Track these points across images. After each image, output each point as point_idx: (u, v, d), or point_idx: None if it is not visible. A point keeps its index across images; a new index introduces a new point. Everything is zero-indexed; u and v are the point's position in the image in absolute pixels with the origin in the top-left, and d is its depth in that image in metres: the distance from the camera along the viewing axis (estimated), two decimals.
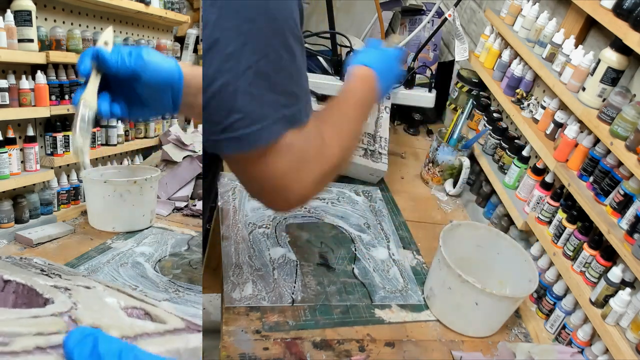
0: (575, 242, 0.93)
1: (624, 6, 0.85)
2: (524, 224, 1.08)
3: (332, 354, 0.83)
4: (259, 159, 0.56)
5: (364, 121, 0.73)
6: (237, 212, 1.07)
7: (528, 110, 1.17)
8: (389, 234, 1.14)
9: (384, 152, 1.28)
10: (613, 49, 0.89)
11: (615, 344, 0.81)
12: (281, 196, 0.60)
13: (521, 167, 1.15)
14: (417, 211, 1.26)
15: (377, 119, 1.30)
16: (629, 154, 0.82)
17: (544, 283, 1.00)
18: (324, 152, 0.61)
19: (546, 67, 1.07)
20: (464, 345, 0.92)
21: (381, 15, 1.47)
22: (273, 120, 0.54)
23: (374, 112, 1.30)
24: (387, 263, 1.05)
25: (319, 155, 0.60)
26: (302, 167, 0.58)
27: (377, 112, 1.31)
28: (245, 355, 0.78)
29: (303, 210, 1.13)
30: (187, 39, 2.41)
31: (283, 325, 0.85)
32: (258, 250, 0.99)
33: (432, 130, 1.63)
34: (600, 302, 0.86)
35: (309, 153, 0.59)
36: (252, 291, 0.89)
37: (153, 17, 2.08)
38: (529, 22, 1.17)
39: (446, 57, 1.73)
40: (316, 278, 0.96)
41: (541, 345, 0.94)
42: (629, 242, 0.81)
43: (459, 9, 1.47)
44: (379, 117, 1.30)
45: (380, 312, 0.93)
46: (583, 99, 0.95)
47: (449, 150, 1.29)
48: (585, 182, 0.94)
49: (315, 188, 0.61)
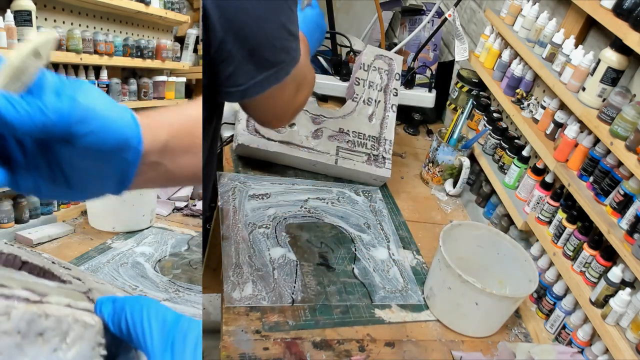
0: (575, 242, 0.93)
1: (624, 6, 0.85)
2: (524, 224, 1.08)
3: (332, 354, 0.83)
4: (277, 92, 0.65)
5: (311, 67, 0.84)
6: (237, 212, 1.07)
7: (528, 110, 1.17)
8: (389, 234, 1.14)
9: (388, 157, 1.26)
10: (613, 49, 0.89)
11: (615, 344, 0.81)
12: (285, 115, 0.74)
13: (521, 167, 1.15)
14: (417, 211, 1.26)
15: (382, 119, 1.28)
16: (629, 154, 0.82)
17: (544, 283, 1.00)
18: (306, 75, 0.75)
19: (546, 67, 1.07)
20: (464, 345, 0.92)
21: (381, 15, 1.47)
22: (287, 62, 0.64)
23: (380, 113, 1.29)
24: (387, 263, 1.05)
25: (305, 79, 0.74)
26: (298, 90, 0.71)
27: (383, 111, 1.30)
28: (245, 355, 0.78)
29: (303, 210, 1.13)
30: (187, 39, 2.41)
31: (283, 325, 0.85)
32: (258, 250, 0.99)
33: (432, 130, 1.63)
34: (600, 302, 0.86)
35: (300, 76, 0.70)
36: (252, 291, 0.89)
37: (153, 17, 2.08)
38: (529, 22, 1.17)
39: (446, 57, 1.73)
40: (316, 278, 0.96)
41: (541, 345, 0.94)
42: (629, 242, 0.81)
43: (459, 9, 1.47)
44: (384, 116, 1.28)
45: (380, 312, 0.93)
46: (583, 99, 0.95)
47: (449, 150, 1.29)
48: (585, 182, 0.94)
49: (304, 102, 0.76)
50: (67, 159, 0.43)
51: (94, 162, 0.43)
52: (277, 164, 1.24)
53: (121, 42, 1.91)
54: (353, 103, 1.27)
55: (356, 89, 1.27)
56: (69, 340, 0.40)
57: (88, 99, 0.41)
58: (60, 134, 0.40)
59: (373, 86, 1.28)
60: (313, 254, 1.02)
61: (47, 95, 0.40)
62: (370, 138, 1.26)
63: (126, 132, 0.43)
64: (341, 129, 1.24)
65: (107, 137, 0.42)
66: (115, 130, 0.42)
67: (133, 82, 2.04)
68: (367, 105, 1.28)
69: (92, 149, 0.42)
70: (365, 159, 1.24)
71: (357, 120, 1.26)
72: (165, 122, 0.48)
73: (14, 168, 0.43)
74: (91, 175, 0.44)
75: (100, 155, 0.43)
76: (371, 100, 1.28)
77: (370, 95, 1.28)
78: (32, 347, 0.38)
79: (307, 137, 1.21)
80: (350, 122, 1.25)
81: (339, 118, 1.25)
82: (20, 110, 0.38)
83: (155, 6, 2.03)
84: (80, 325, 0.41)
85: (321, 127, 1.23)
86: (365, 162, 1.24)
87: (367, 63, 1.29)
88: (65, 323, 0.40)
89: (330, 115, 1.25)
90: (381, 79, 1.29)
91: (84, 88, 0.42)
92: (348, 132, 1.25)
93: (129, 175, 0.45)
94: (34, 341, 0.38)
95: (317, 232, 1.08)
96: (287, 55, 0.63)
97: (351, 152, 1.24)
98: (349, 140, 1.24)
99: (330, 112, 1.25)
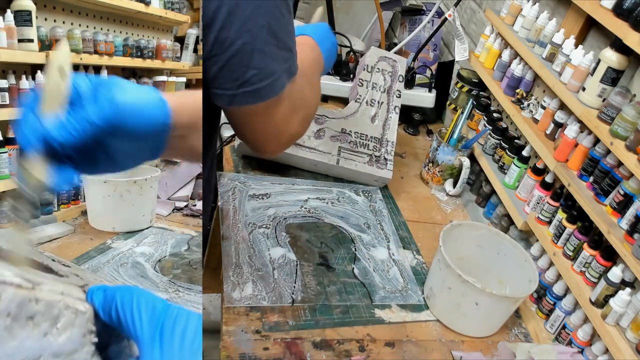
0: (575, 242, 0.93)
1: (624, 6, 0.85)
2: (524, 224, 1.08)
3: (332, 354, 0.83)
4: (266, 109, 0.61)
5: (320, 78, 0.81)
6: (237, 212, 1.07)
7: (528, 110, 1.17)
8: (389, 234, 1.14)
9: (390, 158, 1.26)
10: (613, 49, 0.89)
11: (615, 344, 0.81)
12: (276, 140, 0.67)
13: (521, 167, 1.15)
14: (417, 211, 1.26)
15: (385, 120, 1.28)
16: (629, 154, 0.82)
17: (544, 283, 1.00)
18: (306, 97, 0.69)
19: (546, 67, 1.07)
20: (464, 345, 0.92)
21: (381, 15, 1.47)
22: (280, 74, 0.60)
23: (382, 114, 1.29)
24: (387, 263, 1.05)
25: (303, 100, 0.68)
26: (294, 111, 0.66)
27: (386, 112, 1.30)
28: (245, 355, 0.78)
29: (303, 210, 1.13)
30: (187, 39, 2.41)
31: (283, 325, 0.85)
32: (258, 250, 0.99)
33: (432, 130, 1.63)
34: (600, 302, 0.86)
35: (298, 97, 0.66)
36: (252, 291, 0.89)
37: (153, 17, 2.08)
38: (529, 22, 1.17)
39: (446, 57, 1.73)
40: (316, 278, 0.96)
41: (541, 345, 0.94)
42: (629, 242, 0.81)
43: (459, 9, 1.47)
44: (387, 118, 1.28)
45: (380, 312, 0.94)
46: (583, 99, 0.95)
47: (449, 150, 1.29)
48: (585, 182, 0.94)
49: (301, 129, 0.70)
50: (109, 147, 0.48)
51: (133, 144, 0.49)
52: (278, 163, 1.24)
53: (121, 42, 1.91)
54: (356, 104, 1.27)
55: (359, 90, 1.27)
56: (60, 325, 0.40)
57: (124, 96, 0.46)
58: (108, 133, 0.45)
59: (376, 87, 1.29)
60: (313, 254, 1.02)
61: (88, 104, 0.45)
62: (372, 139, 1.26)
63: (158, 114, 0.48)
64: (343, 129, 1.24)
65: (145, 125, 0.47)
66: (150, 117, 0.48)
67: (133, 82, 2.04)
68: (370, 106, 1.28)
69: (132, 136, 0.47)
70: (367, 159, 1.24)
71: (359, 121, 1.26)
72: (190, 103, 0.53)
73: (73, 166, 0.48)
74: (130, 153, 0.50)
75: (139, 139, 0.48)
76: (374, 102, 1.28)
77: (373, 96, 1.28)
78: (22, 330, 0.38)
79: (309, 137, 1.21)
80: (352, 123, 1.25)
81: (342, 118, 1.25)
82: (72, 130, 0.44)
83: (155, 6, 2.03)
84: (71, 312, 0.41)
85: (324, 127, 1.23)
86: (367, 163, 1.24)
87: (371, 64, 1.29)
88: (56, 308, 0.40)
89: (333, 116, 1.25)
90: (384, 81, 1.29)
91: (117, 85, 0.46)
92: (350, 132, 1.25)
93: (160, 146, 0.51)
94: (24, 325, 0.38)
95: (317, 232, 1.08)
96: (278, 66, 0.59)
97: (353, 153, 1.24)
98: (351, 141, 1.24)
99: (333, 112, 1.25)
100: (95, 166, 0.50)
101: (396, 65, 1.31)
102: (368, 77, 1.28)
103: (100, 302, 0.43)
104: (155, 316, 0.41)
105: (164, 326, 0.40)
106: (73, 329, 0.41)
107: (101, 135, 0.45)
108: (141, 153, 0.51)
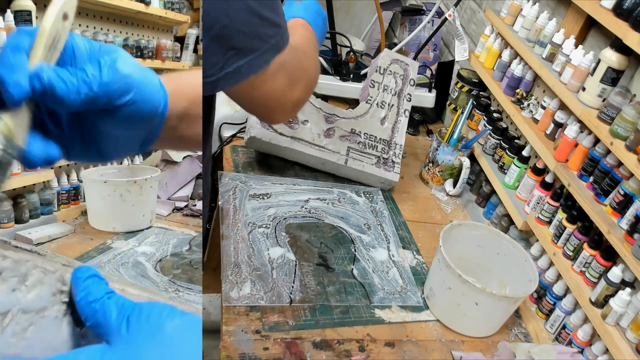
0: (575, 242, 0.93)
1: (624, 6, 0.85)
2: (524, 224, 1.08)
3: (332, 354, 0.83)
4: (260, 83, 0.62)
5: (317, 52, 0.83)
6: (237, 212, 1.07)
7: (528, 110, 1.17)
8: (389, 235, 1.14)
9: (397, 161, 1.26)
10: (613, 49, 0.89)
11: (615, 344, 0.81)
12: (281, 109, 0.69)
13: (521, 167, 1.15)
14: (417, 211, 1.26)
15: (394, 123, 1.28)
16: (629, 154, 0.82)
17: (544, 283, 1.00)
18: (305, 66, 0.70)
19: (546, 67, 1.07)
20: (464, 345, 0.92)
21: (381, 15, 1.47)
22: (262, 51, 0.59)
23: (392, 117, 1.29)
24: (387, 264, 1.05)
25: (303, 70, 0.70)
26: (293, 81, 0.66)
27: (396, 115, 1.30)
28: (245, 355, 0.78)
29: (303, 211, 1.13)
30: (187, 39, 2.41)
31: (283, 325, 0.85)
32: (257, 250, 0.99)
33: (432, 130, 1.63)
34: (600, 302, 0.86)
35: (295, 67, 0.67)
36: (251, 290, 0.89)
37: (153, 17, 2.08)
38: (529, 22, 1.17)
39: (446, 57, 1.73)
40: (316, 278, 0.96)
41: (541, 345, 0.94)
42: (629, 242, 0.81)
43: (459, 9, 1.47)
44: (397, 121, 1.29)
45: (380, 312, 0.94)
46: (583, 99, 0.95)
47: (449, 150, 1.29)
48: (585, 182, 0.94)
49: (304, 95, 0.71)
50: (102, 128, 0.43)
51: (126, 129, 0.43)
52: (280, 162, 1.24)
53: (121, 42, 1.91)
54: (367, 105, 1.27)
55: (371, 92, 1.27)
56: (28, 283, 0.40)
57: (127, 67, 0.41)
58: (102, 105, 0.40)
59: (387, 90, 1.29)
60: (313, 254, 1.02)
61: (87, 65, 0.39)
62: (381, 141, 1.26)
63: (157, 99, 0.44)
64: (353, 129, 1.24)
65: (144, 106, 0.42)
66: (151, 98, 0.43)
67: None
68: (380, 108, 1.28)
69: (129, 117, 0.42)
70: (374, 161, 1.25)
71: (369, 122, 1.26)
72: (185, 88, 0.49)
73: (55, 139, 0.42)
74: (121, 141, 0.45)
75: (134, 123, 0.43)
76: (385, 104, 1.28)
77: (384, 98, 1.28)
78: None
79: (319, 135, 1.22)
80: (362, 124, 1.26)
81: (352, 119, 1.25)
82: (69, 84, 0.37)
83: (155, 6, 2.03)
84: (40, 271, 0.41)
85: (333, 127, 1.23)
86: (374, 164, 1.24)
87: (383, 66, 1.29)
88: (23, 267, 0.40)
89: (344, 115, 1.25)
90: (396, 84, 1.30)
91: (121, 55, 0.41)
92: (360, 133, 1.25)
93: (152, 138, 0.46)
94: None
95: (317, 233, 1.08)
96: (262, 43, 0.59)
97: (361, 154, 1.24)
98: (360, 142, 1.24)
99: (344, 112, 1.26)
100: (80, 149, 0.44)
101: (408, 68, 1.31)
102: (380, 78, 1.29)
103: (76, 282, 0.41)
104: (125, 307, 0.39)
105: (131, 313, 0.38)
106: (42, 287, 0.41)
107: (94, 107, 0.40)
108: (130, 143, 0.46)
